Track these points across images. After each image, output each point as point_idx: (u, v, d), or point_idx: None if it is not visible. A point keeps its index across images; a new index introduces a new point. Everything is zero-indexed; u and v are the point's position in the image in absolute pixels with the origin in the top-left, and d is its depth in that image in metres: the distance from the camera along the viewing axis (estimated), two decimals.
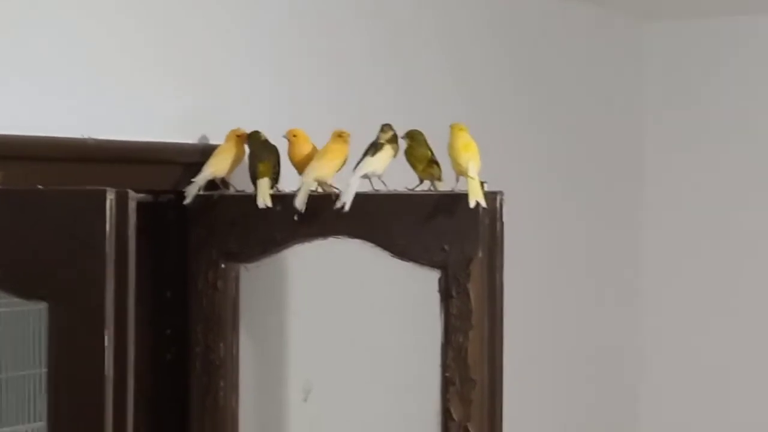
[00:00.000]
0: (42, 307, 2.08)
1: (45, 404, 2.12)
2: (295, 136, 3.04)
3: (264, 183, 2.95)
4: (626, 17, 5.06)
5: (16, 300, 2.21)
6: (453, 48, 4.08)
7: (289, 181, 3.06)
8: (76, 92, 2.86)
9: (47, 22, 2.79)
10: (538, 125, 4.51)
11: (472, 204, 2.74)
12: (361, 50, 3.73)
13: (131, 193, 2.09)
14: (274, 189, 3.02)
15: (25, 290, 2.11)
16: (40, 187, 2.69)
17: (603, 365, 4.92)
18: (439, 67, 3.99)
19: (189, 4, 3.15)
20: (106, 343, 2.02)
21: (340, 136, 3.00)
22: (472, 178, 2.77)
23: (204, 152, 3.06)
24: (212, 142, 3.10)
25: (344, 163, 3.01)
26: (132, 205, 2.08)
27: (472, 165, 2.80)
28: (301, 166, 3.00)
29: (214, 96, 3.21)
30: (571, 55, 4.76)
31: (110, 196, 2.06)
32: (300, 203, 2.87)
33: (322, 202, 2.91)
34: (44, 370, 2.14)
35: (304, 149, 3.03)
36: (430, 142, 2.99)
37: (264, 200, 2.91)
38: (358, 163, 2.91)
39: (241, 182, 3.04)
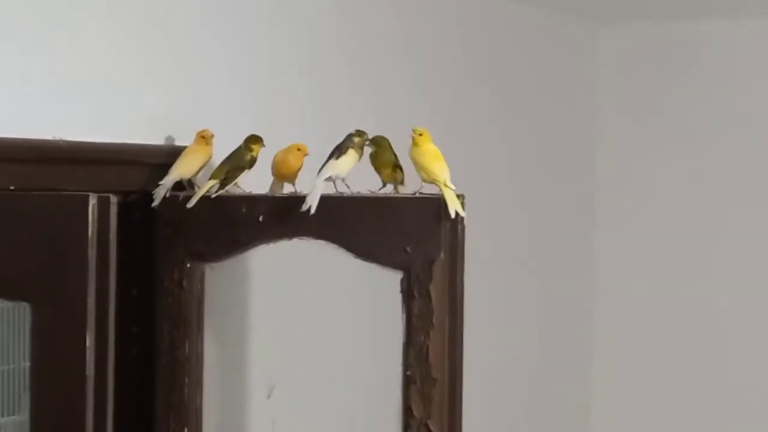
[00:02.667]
0: (25, 307, 2.12)
1: (27, 399, 2.16)
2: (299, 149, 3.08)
3: (208, 185, 3.00)
4: (580, 21, 5.05)
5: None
6: (415, 52, 4.09)
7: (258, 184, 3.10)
8: (45, 94, 2.86)
9: (17, 27, 2.80)
10: (495, 128, 4.53)
11: (452, 214, 2.79)
12: (328, 56, 3.73)
13: (112, 198, 2.13)
14: (239, 189, 3.04)
15: (8, 291, 2.14)
16: (12, 188, 2.78)
17: (557, 362, 4.95)
18: (401, 71, 4.01)
19: (155, 7, 3.15)
20: (87, 344, 2.06)
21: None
22: (449, 188, 2.82)
23: (171, 154, 3.08)
24: (179, 143, 3.11)
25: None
26: (113, 210, 2.11)
27: (447, 175, 2.85)
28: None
29: (182, 97, 3.22)
30: (527, 58, 4.76)
31: (92, 201, 2.09)
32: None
33: (288, 203, 2.94)
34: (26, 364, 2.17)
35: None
36: (393, 145, 3.02)
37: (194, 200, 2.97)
38: (323, 166, 2.94)
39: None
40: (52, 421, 2.13)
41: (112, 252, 2.13)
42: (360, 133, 3.02)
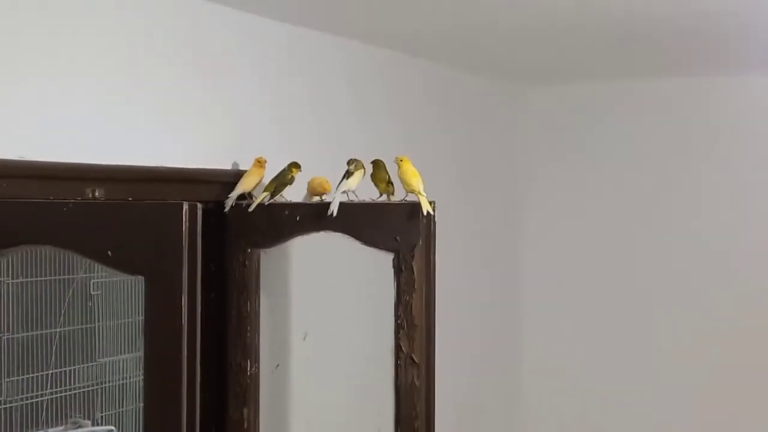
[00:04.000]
0: (141, 279, 2.13)
1: (142, 341, 2.17)
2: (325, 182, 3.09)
3: (261, 196, 3.01)
4: (512, 83, 4.88)
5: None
6: (395, 109, 4.02)
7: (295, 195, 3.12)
8: (150, 134, 2.88)
9: (126, 86, 2.79)
10: (452, 160, 4.40)
11: (425, 213, 2.82)
12: (340, 112, 3.70)
13: (198, 205, 2.13)
14: (283, 199, 3.04)
15: (129, 268, 2.16)
16: (129, 199, 2.78)
17: (494, 317, 4.87)
18: (388, 121, 3.95)
19: (224, 75, 3.16)
20: (182, 304, 2.09)
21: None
22: (423, 195, 2.85)
23: (235, 175, 3.10)
24: (241, 168, 3.13)
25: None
26: (199, 213, 2.12)
27: (422, 187, 2.88)
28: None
29: (243, 135, 3.21)
30: (474, 111, 4.62)
31: (185, 207, 2.10)
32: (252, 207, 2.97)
33: (316, 209, 2.98)
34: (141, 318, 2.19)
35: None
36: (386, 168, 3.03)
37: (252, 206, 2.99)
38: (339, 184, 2.96)
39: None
40: (158, 357, 2.14)
41: (198, 242, 2.13)
42: (353, 160, 3.02)
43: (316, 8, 3.24)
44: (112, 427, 1.60)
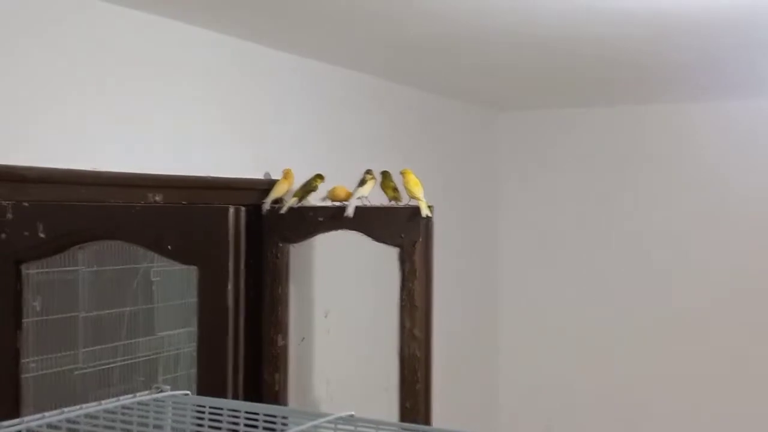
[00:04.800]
0: (194, 268, 2.11)
1: (196, 319, 2.14)
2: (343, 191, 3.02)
3: (291, 201, 2.98)
4: (485, 109, 4.78)
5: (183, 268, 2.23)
6: (390, 134, 3.93)
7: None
8: (201, 149, 2.88)
9: (195, 108, 2.81)
10: (438, 173, 4.10)
11: (424, 215, 2.79)
12: (347, 127, 3.65)
13: (242, 208, 2.12)
14: (309, 203, 3.01)
15: (185, 259, 2.14)
16: (183, 203, 2.80)
17: (475, 299, 4.82)
18: (391, 146, 3.89)
19: (260, 101, 3.15)
20: (228, 288, 2.07)
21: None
22: (423, 201, 2.83)
23: (269, 183, 3.08)
24: (273, 177, 3.11)
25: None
26: (242, 215, 2.11)
27: (422, 194, 2.85)
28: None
29: (274, 151, 3.20)
30: (454, 133, 4.52)
31: (231, 210, 2.09)
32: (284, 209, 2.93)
33: (336, 211, 2.95)
34: (194, 300, 2.17)
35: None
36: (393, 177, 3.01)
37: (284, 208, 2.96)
38: (354, 191, 2.93)
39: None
40: (209, 332, 2.13)
41: (242, 238, 2.12)
42: (369, 171, 3.01)
43: (330, 46, 3.24)
44: (188, 392, 1.57)
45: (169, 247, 2.13)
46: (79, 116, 2.46)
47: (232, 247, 2.10)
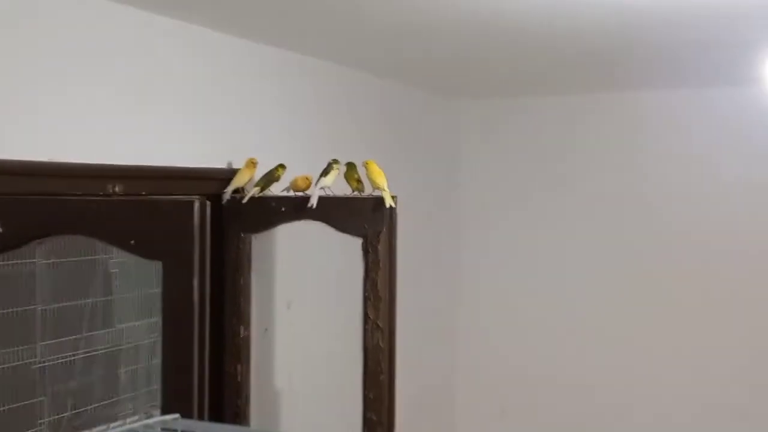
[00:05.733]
0: (158, 264, 2.10)
1: (159, 309, 2.13)
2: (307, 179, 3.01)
3: (253, 190, 2.96)
4: (449, 97, 4.77)
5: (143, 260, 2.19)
6: (355, 123, 3.91)
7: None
8: (164, 141, 2.83)
9: (154, 97, 2.76)
10: (404, 162, 4.20)
11: (388, 205, 2.79)
12: (310, 116, 3.63)
13: (207, 200, 2.10)
14: (271, 193, 2.99)
15: (149, 254, 2.12)
16: (143, 193, 2.75)
17: (436, 288, 4.85)
18: (353, 135, 3.87)
19: (221, 95, 3.10)
20: (194, 283, 2.06)
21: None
22: (387, 191, 2.83)
23: (230, 173, 3.05)
24: (234, 166, 3.08)
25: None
26: (208, 208, 2.09)
27: (386, 185, 2.85)
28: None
29: (237, 141, 3.16)
30: (417, 122, 4.52)
31: (196, 204, 2.07)
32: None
33: (298, 201, 2.93)
34: (153, 291, 2.17)
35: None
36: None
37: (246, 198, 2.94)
38: (317, 181, 2.92)
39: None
40: (174, 328, 2.11)
41: (207, 232, 2.10)
42: (335, 160, 3.00)
43: (294, 34, 3.20)
44: (177, 415, 1.55)
45: (132, 242, 2.11)
46: (33, 106, 2.40)
47: (198, 241, 2.08)
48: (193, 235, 2.07)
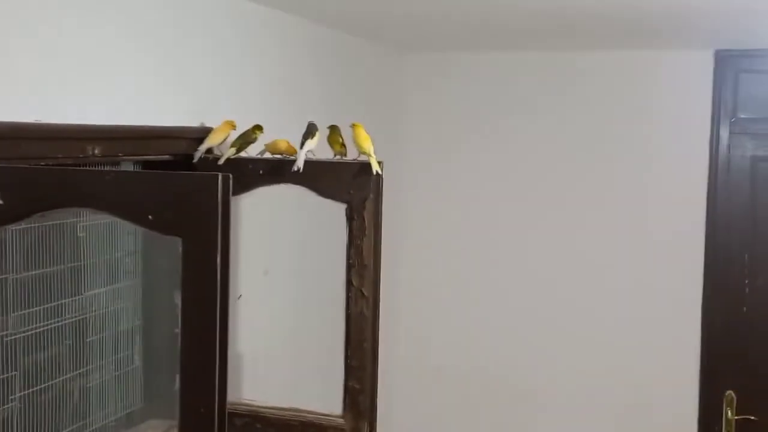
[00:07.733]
0: (178, 240, 2.02)
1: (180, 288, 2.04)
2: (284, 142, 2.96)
3: (229, 151, 2.91)
4: (391, 50, 4.71)
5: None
6: (319, 84, 3.90)
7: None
8: (138, 101, 2.71)
9: (126, 57, 2.64)
10: (346, 114, 3.71)
11: (375, 172, 2.76)
12: (273, 72, 3.57)
13: (230, 176, 2.01)
14: (247, 155, 2.92)
15: (168, 230, 2.04)
16: (120, 154, 2.64)
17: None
18: (318, 96, 3.84)
19: (191, 47, 2.97)
20: (217, 261, 2.00)
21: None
22: (373, 157, 2.80)
23: (203, 131, 2.96)
24: (208, 125, 2.99)
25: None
26: (230, 183, 2.00)
27: (373, 149, 2.82)
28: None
29: (210, 100, 3.08)
30: (360, 75, 4.42)
31: (220, 178, 1.99)
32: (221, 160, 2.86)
33: (276, 163, 2.88)
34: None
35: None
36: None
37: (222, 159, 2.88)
38: (302, 144, 2.85)
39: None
40: (195, 300, 2.04)
41: (229, 208, 2.02)
42: (312, 124, 2.92)
43: None
44: None
45: (150, 217, 2.02)
46: (4, 66, 2.24)
47: (221, 218, 2.00)
48: (216, 211, 2.00)
